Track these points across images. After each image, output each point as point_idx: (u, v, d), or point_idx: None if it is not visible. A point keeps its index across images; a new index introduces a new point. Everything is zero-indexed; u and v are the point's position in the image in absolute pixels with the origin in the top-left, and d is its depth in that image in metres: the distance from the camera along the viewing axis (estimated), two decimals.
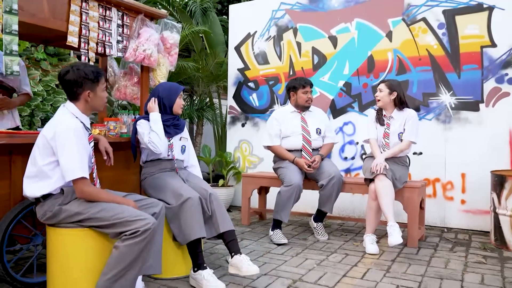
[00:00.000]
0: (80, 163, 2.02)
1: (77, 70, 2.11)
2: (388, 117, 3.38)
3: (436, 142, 4.04)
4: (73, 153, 2.01)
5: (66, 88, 2.15)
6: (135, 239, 2.02)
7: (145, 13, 3.21)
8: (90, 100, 2.17)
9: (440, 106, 4.04)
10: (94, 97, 2.18)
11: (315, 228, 3.67)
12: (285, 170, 3.57)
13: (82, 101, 2.16)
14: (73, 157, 2.01)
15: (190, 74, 5.17)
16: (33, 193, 2.09)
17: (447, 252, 3.24)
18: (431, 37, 4.08)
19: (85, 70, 2.12)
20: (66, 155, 2.01)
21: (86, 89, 2.14)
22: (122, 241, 2.03)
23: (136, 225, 2.04)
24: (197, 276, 2.49)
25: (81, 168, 2.02)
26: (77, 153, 2.02)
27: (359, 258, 3.08)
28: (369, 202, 3.24)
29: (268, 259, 3.04)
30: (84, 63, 2.24)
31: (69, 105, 2.17)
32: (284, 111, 3.82)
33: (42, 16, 2.55)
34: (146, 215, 2.11)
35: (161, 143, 2.70)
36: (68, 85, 2.13)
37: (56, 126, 2.04)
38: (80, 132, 2.08)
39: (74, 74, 2.10)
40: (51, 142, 2.03)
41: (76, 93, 2.14)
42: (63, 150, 2.01)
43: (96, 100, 2.19)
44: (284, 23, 4.88)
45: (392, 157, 3.33)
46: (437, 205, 4.03)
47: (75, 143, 2.02)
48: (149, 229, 2.05)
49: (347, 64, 4.50)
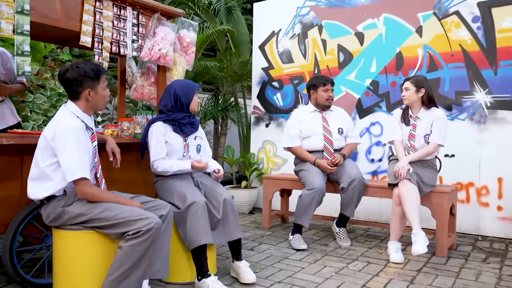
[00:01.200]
0: (80, 164, 1.97)
1: (76, 68, 2.06)
2: (414, 117, 3.17)
3: (469, 143, 3.77)
4: (73, 154, 1.97)
5: (66, 87, 2.11)
6: (138, 239, 1.96)
7: (162, 12, 3.15)
8: (91, 99, 2.12)
9: (475, 105, 3.77)
10: (95, 95, 2.13)
11: (337, 234, 3.51)
12: (307, 173, 3.43)
13: (83, 100, 2.12)
14: (73, 158, 1.96)
15: (214, 74, 5.10)
16: (36, 195, 2.07)
17: (480, 263, 3.00)
18: (464, 32, 3.82)
19: (85, 68, 2.07)
20: (66, 156, 1.97)
21: (86, 87, 2.09)
22: (125, 241, 1.98)
23: (138, 224, 1.97)
24: (201, 285, 2.40)
25: (81, 168, 1.98)
26: (77, 153, 1.97)
27: (382, 267, 2.90)
28: (393, 207, 3.05)
29: (285, 266, 2.92)
30: (85, 62, 2.20)
31: (70, 104, 2.13)
32: (304, 111, 3.68)
33: (55, 16, 2.53)
34: (149, 214, 2.04)
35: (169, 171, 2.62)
36: (68, 84, 2.09)
37: (56, 127, 2.01)
38: (80, 132, 2.04)
39: (74, 72, 2.06)
40: (51, 143, 2.00)
41: (76, 92, 2.09)
42: (63, 151, 1.97)
43: (97, 98, 2.14)
44: (309, 20, 4.72)
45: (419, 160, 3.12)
46: (470, 211, 3.77)
47: (75, 143, 1.98)
48: (152, 228, 1.98)
49: (374, 61, 4.29)
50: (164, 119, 2.68)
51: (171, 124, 2.69)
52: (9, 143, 2.22)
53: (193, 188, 2.59)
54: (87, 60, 4.63)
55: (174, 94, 2.71)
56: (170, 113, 2.71)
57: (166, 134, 2.66)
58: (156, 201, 2.34)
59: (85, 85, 2.09)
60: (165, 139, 2.65)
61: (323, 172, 3.46)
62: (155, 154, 2.63)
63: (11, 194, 2.40)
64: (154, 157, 2.63)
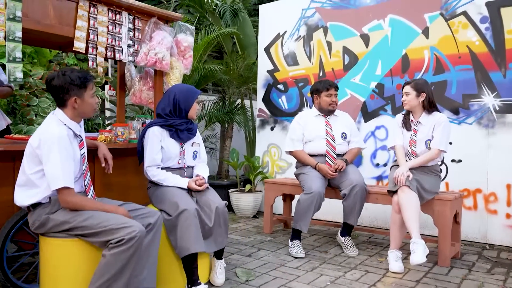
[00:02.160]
0: (63, 173, 1.97)
1: (63, 76, 2.05)
2: (415, 122, 3.08)
3: (477, 148, 3.64)
4: (56, 163, 1.96)
5: (53, 94, 2.10)
6: (120, 247, 1.94)
7: (159, 16, 3.14)
8: (77, 107, 2.11)
9: (482, 108, 3.63)
10: (82, 103, 2.12)
11: (343, 244, 3.42)
12: (306, 177, 3.37)
13: (69, 107, 2.11)
14: (56, 167, 1.96)
15: (218, 77, 5.08)
16: (22, 202, 2.07)
17: (484, 273, 2.88)
18: (472, 33, 3.69)
19: (71, 75, 2.06)
20: (50, 164, 1.96)
21: (72, 95, 2.08)
22: (108, 249, 1.96)
23: (121, 233, 1.96)
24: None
25: (64, 177, 1.97)
26: (60, 162, 1.96)
27: (380, 276, 2.82)
28: (393, 215, 2.96)
29: (280, 273, 2.86)
30: (72, 68, 2.19)
31: (58, 111, 2.12)
32: (308, 115, 3.62)
33: (48, 22, 2.54)
34: (133, 222, 2.02)
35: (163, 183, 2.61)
36: (54, 91, 2.08)
37: (41, 135, 2.01)
38: (65, 140, 2.03)
39: (60, 80, 2.05)
40: (37, 150, 2.00)
41: (63, 99, 2.09)
42: (48, 159, 1.97)
43: (84, 106, 2.13)
44: (314, 22, 4.65)
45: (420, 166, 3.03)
46: (478, 218, 3.63)
47: (59, 152, 1.97)
48: (135, 237, 1.96)
49: (379, 64, 4.20)
50: (161, 124, 2.64)
51: (168, 129, 2.65)
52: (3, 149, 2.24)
53: (185, 195, 2.56)
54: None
55: (173, 99, 2.66)
56: (168, 118, 2.66)
57: (162, 139, 2.62)
58: (145, 208, 2.32)
59: (72, 93, 2.08)
60: (161, 144, 2.62)
61: (324, 176, 3.39)
62: (150, 160, 2.59)
63: (2, 200, 2.42)
64: (148, 163, 2.60)
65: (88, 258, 2.08)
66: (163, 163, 2.65)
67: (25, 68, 4.11)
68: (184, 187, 2.61)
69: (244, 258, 3.18)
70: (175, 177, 2.63)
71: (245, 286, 2.63)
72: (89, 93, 2.14)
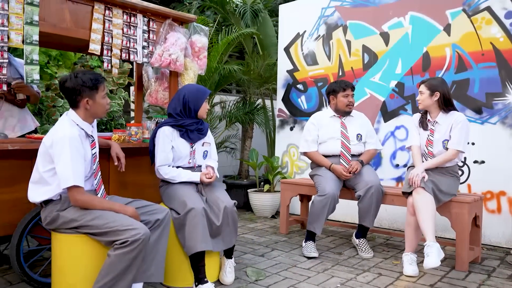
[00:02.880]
0: (73, 172, 2.03)
1: (75, 78, 2.13)
2: (432, 121, 2.99)
3: (501, 149, 3.50)
4: (67, 162, 2.03)
5: (66, 95, 2.18)
6: (124, 248, 1.99)
7: (173, 18, 3.19)
8: (89, 108, 2.18)
9: (507, 107, 3.49)
10: (94, 104, 2.18)
11: (357, 246, 3.37)
12: (320, 178, 3.33)
13: (82, 108, 2.18)
14: (67, 166, 2.03)
15: (237, 78, 5.10)
16: (34, 199, 2.16)
17: (504, 279, 2.77)
18: (496, 29, 3.55)
19: (83, 77, 2.13)
20: (61, 164, 2.04)
21: (84, 96, 2.15)
22: (113, 250, 2.02)
23: (126, 235, 2.01)
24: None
25: (74, 176, 2.03)
26: (71, 162, 2.03)
27: (393, 279, 2.76)
28: (408, 217, 2.89)
29: (291, 274, 2.85)
30: (84, 70, 2.26)
31: (71, 112, 2.20)
32: (323, 115, 3.58)
33: (64, 26, 2.63)
34: (138, 224, 2.07)
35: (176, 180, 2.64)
36: (67, 93, 2.16)
37: (54, 135, 2.09)
38: (77, 140, 2.10)
39: (72, 82, 2.13)
40: (50, 150, 2.08)
41: (75, 100, 2.16)
42: (59, 159, 2.04)
43: (95, 107, 2.20)
44: (333, 21, 4.60)
45: (438, 166, 2.94)
46: (502, 222, 3.49)
47: (70, 152, 2.04)
48: (139, 240, 2.00)
49: (399, 62, 4.10)
50: (172, 124, 2.67)
51: (179, 129, 2.68)
52: (14, 148, 2.34)
53: (194, 194, 2.59)
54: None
55: (183, 99, 2.69)
56: (179, 118, 2.69)
57: (173, 139, 2.66)
58: (154, 205, 2.36)
59: (84, 95, 2.15)
60: (172, 144, 2.65)
61: (338, 178, 3.34)
62: (162, 159, 2.63)
63: (20, 196, 2.51)
64: (160, 162, 2.64)
65: (97, 255, 2.14)
66: (174, 162, 2.68)
67: (51, 70, 4.27)
68: (197, 180, 2.64)
69: (256, 258, 3.19)
70: (187, 172, 2.66)
71: (254, 285, 2.63)
72: (100, 94, 2.20)
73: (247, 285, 2.64)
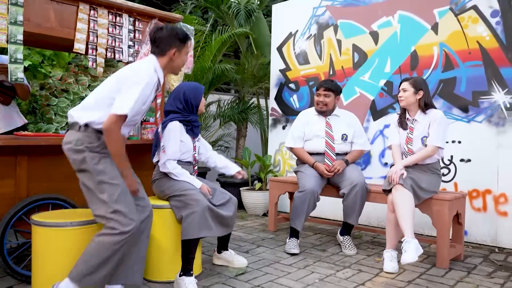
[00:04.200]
0: (133, 105, 2.03)
1: (171, 29, 2.24)
2: (411, 120, 3.01)
3: (487, 148, 3.50)
4: (133, 96, 2.03)
5: (156, 43, 2.23)
6: (110, 237, 2.00)
7: (160, 18, 3.25)
8: (174, 59, 2.25)
9: (493, 106, 3.49)
10: (179, 56, 2.27)
11: (342, 242, 3.40)
12: (302, 175, 3.38)
13: (167, 57, 2.24)
14: (131, 98, 2.03)
15: (230, 77, 5.15)
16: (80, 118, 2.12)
17: (483, 276, 2.78)
18: (482, 27, 3.56)
19: (178, 30, 2.25)
20: (127, 94, 2.04)
21: (174, 47, 2.23)
22: (98, 235, 2.03)
23: (115, 223, 2.01)
24: (180, 281, 2.45)
25: (130, 109, 2.02)
26: (137, 97, 2.04)
27: (372, 276, 2.78)
28: (388, 214, 2.91)
29: (272, 270, 2.89)
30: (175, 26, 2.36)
31: (153, 58, 2.23)
32: (310, 113, 3.62)
33: (49, 25, 2.70)
34: (135, 217, 2.07)
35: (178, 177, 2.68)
36: (159, 40, 2.22)
37: (136, 69, 2.13)
38: (151, 87, 2.12)
39: (168, 31, 2.22)
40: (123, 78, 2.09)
41: (164, 49, 2.22)
42: (130, 87, 2.05)
43: (178, 60, 2.28)
44: (324, 20, 4.63)
45: (418, 164, 2.96)
46: (487, 220, 3.49)
47: (141, 91, 2.05)
48: (128, 232, 2.01)
49: (388, 61, 4.12)
50: (181, 119, 2.72)
51: (186, 125, 2.74)
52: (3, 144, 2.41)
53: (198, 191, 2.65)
54: (110, 65, 4.87)
55: (184, 96, 2.75)
56: (186, 114, 2.75)
57: (181, 134, 2.71)
58: (145, 201, 2.34)
59: (174, 45, 2.23)
60: (181, 138, 2.70)
61: (321, 175, 3.38)
62: (172, 153, 2.65)
63: (5, 191, 2.59)
64: (170, 156, 2.64)
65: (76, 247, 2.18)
66: (180, 156, 2.72)
67: (45, 70, 4.35)
68: (197, 186, 2.66)
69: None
70: (191, 176, 2.71)
71: (233, 280, 2.67)
72: (186, 50, 2.31)
73: (227, 280, 2.68)
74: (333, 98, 3.42)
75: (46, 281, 2.18)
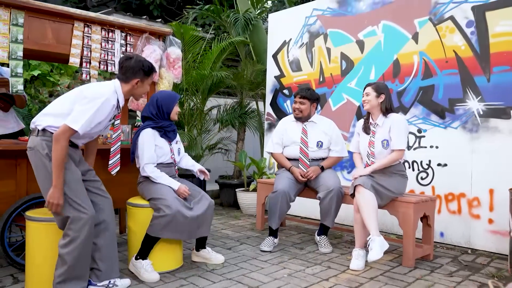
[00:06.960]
0: (85, 122, 2.25)
1: (138, 61, 2.48)
2: (374, 124, 3.22)
3: (462, 153, 3.64)
4: (88, 112, 2.25)
5: (123, 70, 2.48)
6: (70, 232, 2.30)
7: (150, 32, 3.54)
8: (136, 88, 2.51)
9: (467, 113, 3.63)
10: (141, 86, 2.53)
11: (318, 242, 3.61)
12: (278, 177, 3.63)
13: (129, 85, 2.49)
14: (85, 114, 2.25)
15: (228, 84, 5.42)
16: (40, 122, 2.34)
17: (444, 275, 2.94)
18: (458, 37, 3.70)
19: (144, 62, 2.50)
20: (84, 109, 2.26)
21: (137, 77, 2.49)
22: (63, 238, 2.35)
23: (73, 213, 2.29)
24: (137, 264, 2.78)
25: (82, 126, 2.24)
26: (90, 115, 2.26)
27: (339, 272, 2.98)
28: (354, 215, 3.12)
29: (247, 265, 3.12)
30: (143, 57, 2.61)
31: (117, 83, 2.49)
32: (288, 120, 3.83)
33: (46, 42, 3.02)
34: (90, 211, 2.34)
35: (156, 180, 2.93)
36: (125, 69, 2.47)
37: (96, 88, 2.38)
38: (109, 105, 2.36)
39: (135, 63, 2.46)
40: (84, 93, 2.33)
41: (128, 78, 2.48)
42: (86, 104, 2.27)
43: (140, 89, 2.54)
44: (315, 29, 4.84)
45: None
46: (462, 223, 3.63)
47: (97, 109, 2.29)
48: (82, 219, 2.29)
49: (373, 69, 4.30)
50: (153, 126, 3.00)
51: (158, 130, 3.02)
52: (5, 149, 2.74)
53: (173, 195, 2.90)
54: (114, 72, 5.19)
55: (156, 103, 3.04)
56: (158, 120, 3.03)
57: (155, 139, 3.00)
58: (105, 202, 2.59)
59: (137, 76, 2.50)
60: (155, 143, 2.99)
61: (296, 179, 3.59)
62: (148, 158, 2.93)
63: (7, 190, 2.92)
64: (147, 160, 2.93)
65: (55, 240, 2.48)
66: (158, 158, 3.00)
67: (53, 78, 4.72)
68: (175, 188, 2.94)
69: (223, 251, 3.47)
70: (169, 178, 2.98)
71: (209, 274, 2.93)
72: (148, 81, 2.57)
73: (203, 273, 2.94)
74: (309, 105, 3.62)
75: (37, 271, 2.49)
